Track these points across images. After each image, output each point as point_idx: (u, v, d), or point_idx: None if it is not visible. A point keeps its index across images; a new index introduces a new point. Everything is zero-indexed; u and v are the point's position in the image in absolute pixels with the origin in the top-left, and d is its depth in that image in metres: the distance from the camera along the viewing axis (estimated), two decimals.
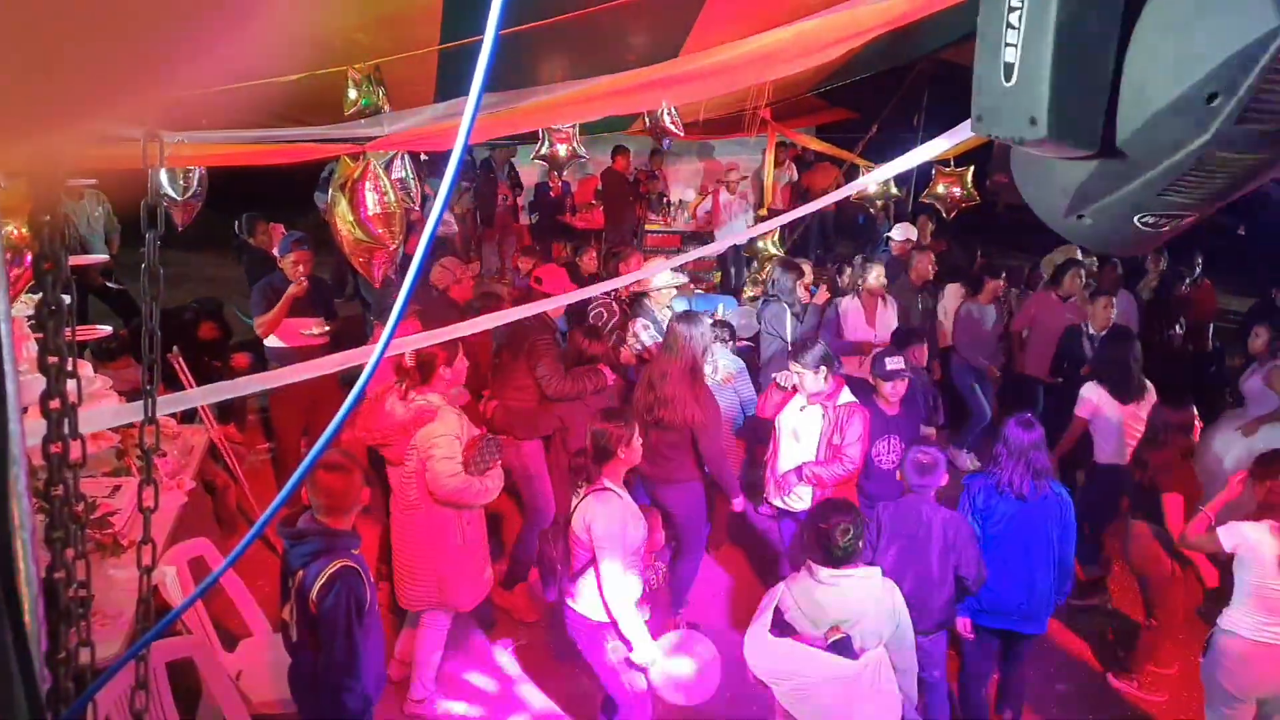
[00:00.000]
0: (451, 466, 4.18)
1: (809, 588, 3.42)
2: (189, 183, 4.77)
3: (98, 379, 4.41)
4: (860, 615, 3.36)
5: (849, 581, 3.40)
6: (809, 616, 3.37)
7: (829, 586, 3.39)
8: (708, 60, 4.05)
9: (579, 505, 3.91)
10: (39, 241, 1.14)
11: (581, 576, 3.89)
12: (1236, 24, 1.03)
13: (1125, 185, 1.19)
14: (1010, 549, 4.22)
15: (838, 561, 3.39)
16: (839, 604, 3.37)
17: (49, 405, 1.21)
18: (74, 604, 1.34)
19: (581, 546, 3.88)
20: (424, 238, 0.94)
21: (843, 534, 3.38)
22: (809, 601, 3.39)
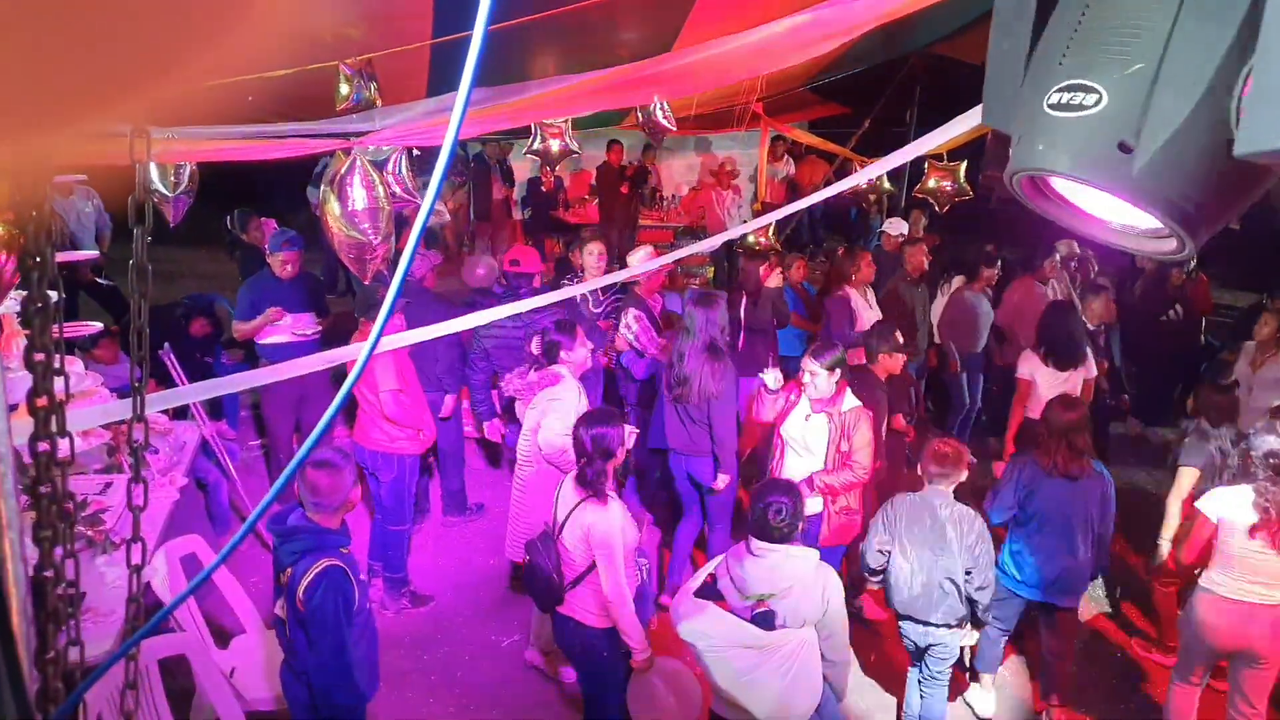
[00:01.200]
0: (561, 428, 4.46)
1: (743, 558, 3.52)
2: (179, 178, 4.74)
3: (88, 376, 4.39)
4: (786, 592, 3.42)
5: (777, 556, 3.47)
6: (736, 585, 3.47)
7: (758, 558, 3.48)
8: (700, 55, 4.05)
9: (573, 512, 3.85)
10: (25, 238, 1.13)
11: (579, 584, 3.86)
12: None
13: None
14: (1050, 526, 4.40)
15: (771, 538, 3.48)
16: (766, 577, 3.45)
17: (36, 403, 1.20)
18: (63, 603, 1.34)
19: (577, 553, 3.84)
20: (413, 233, 0.93)
21: (775, 514, 3.47)
22: (739, 571, 3.49)
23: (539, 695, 4.82)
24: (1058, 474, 4.36)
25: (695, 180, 13.76)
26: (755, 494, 3.59)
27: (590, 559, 3.81)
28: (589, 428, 3.90)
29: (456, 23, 4.31)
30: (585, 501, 3.84)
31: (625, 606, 3.77)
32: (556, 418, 4.62)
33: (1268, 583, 4.03)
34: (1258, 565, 4.02)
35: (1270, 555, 3.98)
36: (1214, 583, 4.15)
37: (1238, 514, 4.06)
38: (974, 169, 9.72)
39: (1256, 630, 4.07)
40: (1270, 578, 4.02)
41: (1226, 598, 4.10)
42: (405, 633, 5.24)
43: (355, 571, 3.37)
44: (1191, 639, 4.28)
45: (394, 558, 5.40)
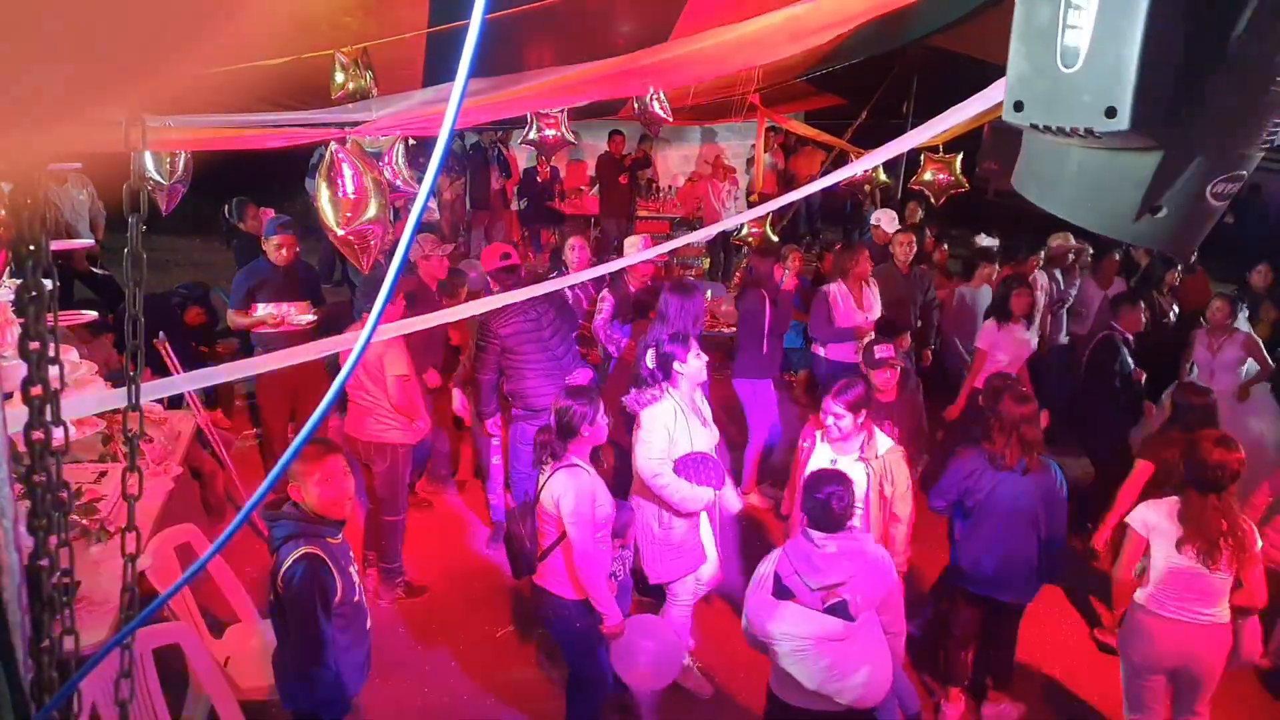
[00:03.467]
0: (652, 451, 4.28)
1: (806, 552, 3.47)
2: (174, 167, 4.72)
3: (83, 364, 4.37)
4: (853, 576, 3.41)
5: (842, 544, 3.47)
6: (806, 580, 3.42)
7: (823, 549, 3.45)
8: (697, 45, 4.04)
9: (547, 481, 3.89)
10: (19, 226, 1.12)
11: (550, 554, 3.90)
12: None
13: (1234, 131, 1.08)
14: (993, 519, 4.33)
15: (836, 526, 3.47)
16: (834, 566, 3.42)
17: (30, 392, 1.20)
18: (58, 592, 1.34)
19: (549, 523, 3.88)
20: (409, 224, 0.93)
21: (838, 502, 3.45)
22: (806, 565, 3.44)
23: (533, 685, 4.83)
24: (1005, 467, 4.28)
25: (692, 171, 13.75)
26: (809, 486, 3.55)
27: (560, 529, 3.85)
28: (560, 399, 3.95)
29: (452, 11, 4.30)
30: (558, 471, 3.87)
31: (592, 575, 3.82)
32: (643, 445, 4.35)
33: (1200, 599, 3.89)
34: (1187, 581, 3.89)
35: (1198, 570, 3.85)
36: (1148, 599, 4.01)
37: (1165, 526, 3.94)
38: (970, 161, 9.72)
39: (1193, 650, 3.95)
40: (1201, 594, 3.89)
41: (1159, 615, 3.97)
42: (399, 623, 5.24)
43: (342, 561, 3.36)
44: (1130, 661, 4.15)
45: (388, 548, 5.39)
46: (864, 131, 11.62)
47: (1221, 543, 3.82)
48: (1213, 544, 3.82)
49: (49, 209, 1.09)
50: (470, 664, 4.96)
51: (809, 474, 3.76)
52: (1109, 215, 1.17)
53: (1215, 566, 3.82)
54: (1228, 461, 3.83)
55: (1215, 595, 3.89)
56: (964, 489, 4.41)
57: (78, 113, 0.80)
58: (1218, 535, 3.82)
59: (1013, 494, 4.29)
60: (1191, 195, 1.11)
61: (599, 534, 3.90)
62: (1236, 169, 1.12)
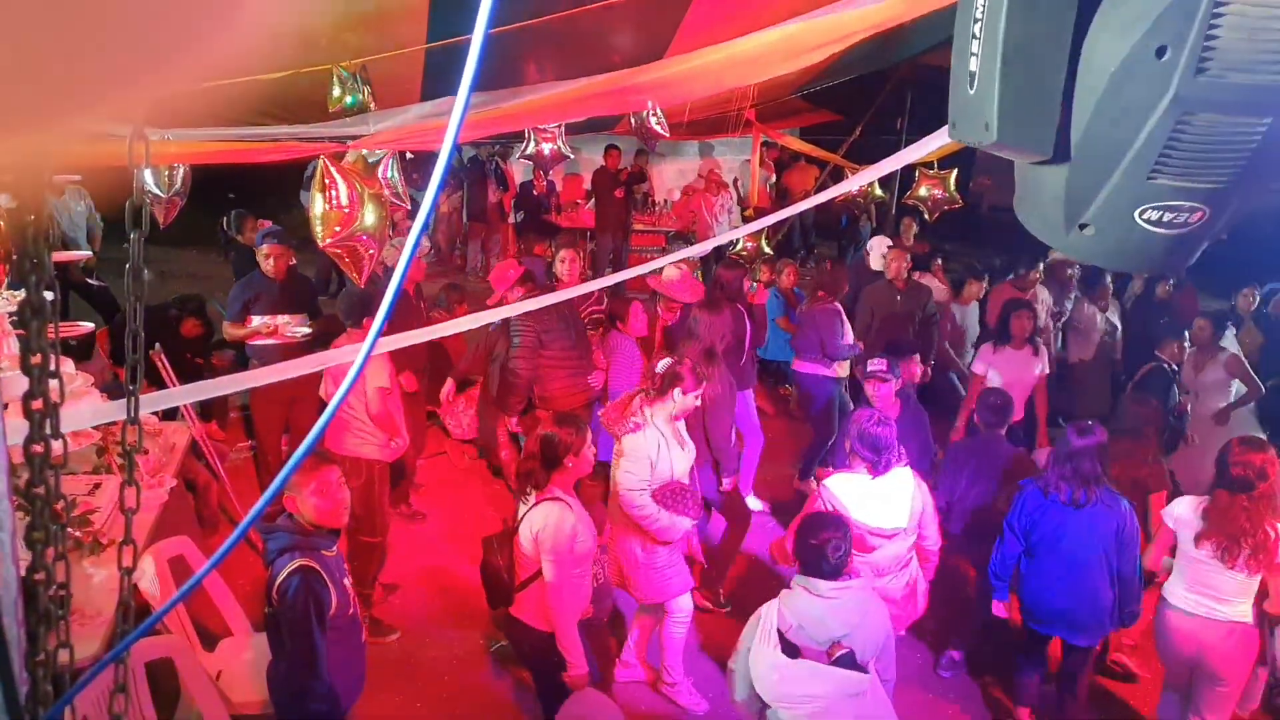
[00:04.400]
0: (634, 481, 4.26)
1: (810, 603, 3.32)
2: (173, 180, 4.74)
3: (79, 376, 4.38)
4: (857, 627, 3.30)
5: (847, 595, 3.34)
6: (811, 634, 3.28)
7: (831, 600, 3.31)
8: (693, 62, 4.06)
9: (527, 514, 3.79)
10: (22, 241, 1.13)
11: (528, 586, 3.81)
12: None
13: (1114, 171, 1.16)
14: (1056, 556, 4.20)
15: (833, 574, 3.34)
16: (840, 617, 3.30)
17: (31, 405, 1.21)
18: (54, 605, 1.34)
19: (528, 555, 3.78)
20: (408, 245, 0.94)
21: (834, 550, 3.32)
22: (811, 618, 3.30)
23: (525, 699, 4.81)
24: (1061, 501, 4.15)
25: (686, 185, 13.81)
26: (804, 531, 3.42)
27: (539, 562, 3.75)
28: (546, 428, 3.87)
29: (451, 27, 4.32)
30: (541, 503, 3.76)
31: (565, 615, 3.71)
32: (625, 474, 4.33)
33: (1217, 596, 3.96)
34: (1205, 576, 3.97)
35: (1216, 567, 3.92)
36: (1170, 592, 4.12)
37: (1190, 521, 4.02)
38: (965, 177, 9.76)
39: (1208, 646, 3.99)
40: (1218, 591, 3.96)
41: (1178, 609, 4.06)
42: (393, 634, 5.22)
43: (336, 574, 3.34)
44: (1159, 651, 4.28)
45: (361, 571, 5.05)
46: (858, 147, 11.69)
47: (1243, 541, 3.86)
48: (1232, 541, 3.88)
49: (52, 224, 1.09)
50: (463, 677, 4.94)
51: (804, 518, 3.63)
52: (1048, 227, 1.31)
53: (1231, 564, 3.87)
54: (1251, 461, 3.89)
55: (1231, 593, 3.94)
56: (1026, 526, 4.27)
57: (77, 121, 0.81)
58: (1238, 534, 3.87)
59: (1075, 530, 4.15)
60: (1119, 217, 1.19)
61: (577, 570, 3.79)
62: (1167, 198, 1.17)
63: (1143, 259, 1.25)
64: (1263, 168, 1.13)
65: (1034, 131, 1.20)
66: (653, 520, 4.25)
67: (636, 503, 4.25)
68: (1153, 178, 1.14)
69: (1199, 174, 1.14)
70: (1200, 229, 1.19)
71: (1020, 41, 1.15)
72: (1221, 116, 1.08)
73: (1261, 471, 3.88)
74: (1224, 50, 1.02)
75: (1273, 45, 1.01)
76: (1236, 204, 1.18)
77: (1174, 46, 1.04)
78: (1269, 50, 1.02)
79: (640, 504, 4.24)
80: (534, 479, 3.82)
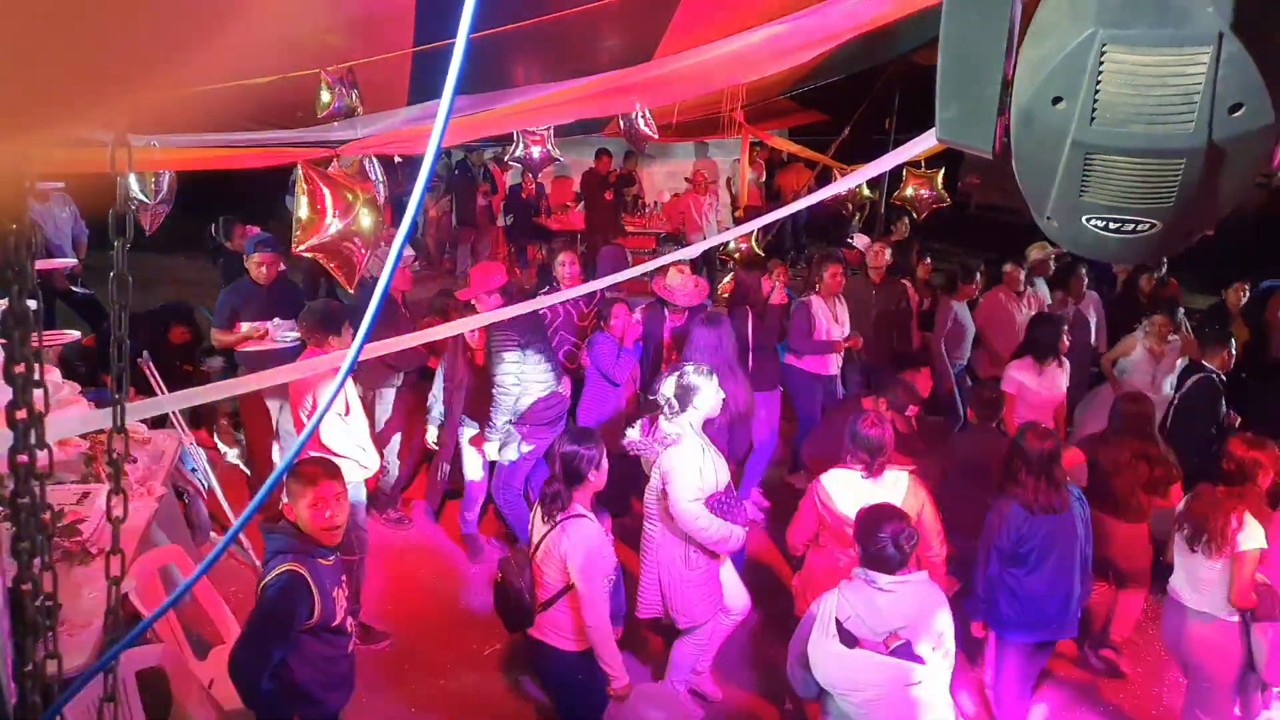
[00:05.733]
0: (689, 493, 4.11)
1: (870, 595, 3.33)
2: (159, 187, 4.72)
3: (65, 385, 4.35)
4: (917, 619, 3.32)
5: (906, 589, 3.34)
6: (869, 624, 3.30)
7: (890, 594, 3.32)
8: (681, 64, 4.07)
9: (549, 534, 3.76)
10: (4, 249, 1.12)
11: (551, 607, 3.78)
12: (1070, 28, 1.07)
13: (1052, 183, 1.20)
14: (1047, 564, 4.19)
15: (893, 568, 3.35)
16: (899, 610, 3.31)
17: (15, 415, 1.20)
18: (41, 615, 1.33)
19: (551, 576, 3.76)
20: (394, 245, 0.94)
21: (907, 540, 3.32)
22: (870, 609, 3.31)
23: (520, 705, 4.80)
24: (1041, 511, 4.13)
25: (677, 187, 13.83)
26: (867, 525, 3.41)
27: (564, 581, 3.72)
28: (562, 445, 3.83)
29: (438, 30, 4.31)
30: (564, 523, 3.73)
31: (604, 633, 3.69)
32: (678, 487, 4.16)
33: (1195, 585, 4.08)
34: (1187, 566, 4.12)
35: (1188, 554, 4.07)
36: (1170, 581, 4.26)
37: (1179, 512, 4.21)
38: (952, 175, 9.80)
39: (1184, 633, 4.12)
40: (1197, 580, 4.07)
41: (1169, 597, 4.22)
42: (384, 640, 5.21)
43: (328, 584, 3.30)
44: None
45: None
46: (847, 147, 11.72)
47: (1207, 528, 3.98)
48: (1198, 530, 4.01)
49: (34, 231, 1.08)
50: (458, 683, 4.93)
51: (864, 512, 3.56)
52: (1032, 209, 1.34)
53: (1195, 549, 4.01)
54: (1243, 457, 4.02)
55: (1204, 584, 4.03)
56: (1015, 541, 4.19)
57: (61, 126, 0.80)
58: (1206, 523, 3.98)
59: (1062, 536, 4.16)
60: (1070, 219, 1.23)
61: (608, 584, 3.76)
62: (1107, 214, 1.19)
63: (1107, 253, 1.27)
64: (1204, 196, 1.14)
65: (975, 131, 1.26)
66: (713, 532, 4.11)
67: (695, 513, 4.08)
68: (1084, 196, 1.17)
69: (1130, 200, 1.15)
70: (1158, 235, 1.20)
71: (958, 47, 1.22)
72: (1128, 159, 1.11)
73: (1242, 463, 4.01)
74: (1111, 102, 1.07)
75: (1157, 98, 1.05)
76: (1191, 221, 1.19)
77: (1068, 97, 1.09)
78: (1155, 103, 1.05)
79: (697, 514, 4.08)
80: (560, 501, 3.77)
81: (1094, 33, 1.04)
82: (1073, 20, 1.07)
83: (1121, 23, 1.03)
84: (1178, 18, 1.01)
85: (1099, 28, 1.04)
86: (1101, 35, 1.04)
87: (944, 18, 1.20)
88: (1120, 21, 1.03)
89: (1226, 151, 1.07)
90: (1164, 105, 1.05)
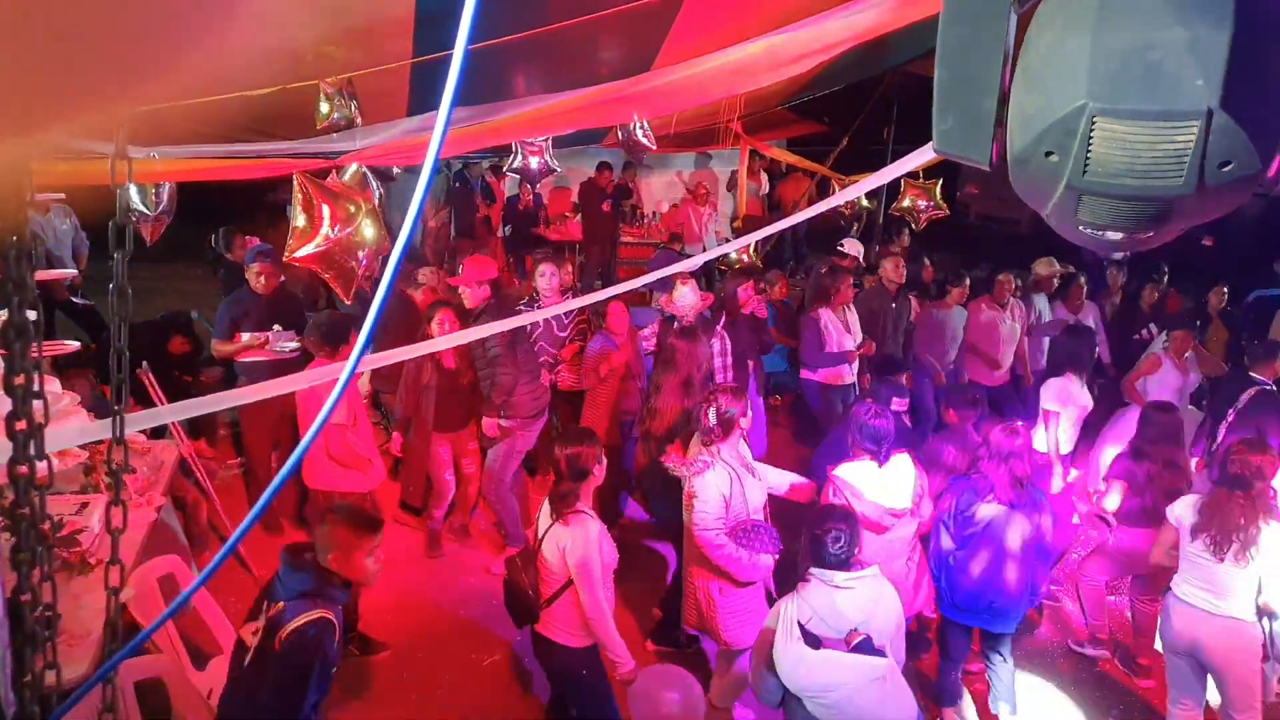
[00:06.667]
0: (708, 520, 4.16)
1: (829, 595, 3.41)
2: (159, 198, 4.73)
3: (65, 395, 4.35)
4: (872, 614, 3.40)
5: (863, 584, 3.43)
6: (830, 624, 3.37)
7: (848, 590, 3.41)
8: (679, 74, 4.08)
9: (550, 531, 3.84)
10: (5, 262, 1.13)
11: (555, 603, 3.84)
12: (1060, 91, 1.09)
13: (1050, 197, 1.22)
14: (988, 551, 4.34)
15: (839, 565, 3.42)
16: (857, 606, 3.40)
17: (15, 426, 1.20)
18: (40, 626, 1.33)
19: (555, 572, 3.82)
20: (393, 257, 0.94)
21: (833, 541, 3.41)
22: (829, 608, 3.39)
23: (519, 716, 4.79)
24: (994, 499, 4.33)
25: (674, 197, 13.85)
26: (810, 523, 3.51)
27: (567, 576, 3.79)
28: (564, 447, 3.89)
29: (437, 42, 4.32)
30: (567, 517, 3.81)
31: (606, 623, 3.77)
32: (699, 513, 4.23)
33: (1214, 591, 4.09)
34: (1203, 571, 4.12)
35: (1210, 561, 4.07)
36: (1175, 584, 4.27)
37: (1186, 518, 4.20)
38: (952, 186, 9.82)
39: (1205, 638, 4.13)
40: (1212, 585, 4.09)
41: (1181, 599, 4.21)
42: (383, 650, 5.20)
43: (342, 630, 3.24)
44: (1162, 639, 4.42)
45: None
46: (845, 157, 11.74)
47: (1233, 536, 4.00)
48: (1224, 535, 4.03)
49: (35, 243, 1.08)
50: (458, 692, 4.92)
51: (814, 513, 3.67)
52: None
53: (1221, 557, 4.03)
54: (1249, 460, 4.07)
55: (1226, 588, 4.06)
56: (960, 522, 4.42)
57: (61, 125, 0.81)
58: (1231, 529, 4.02)
59: (1007, 528, 4.31)
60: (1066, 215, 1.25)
61: (606, 579, 3.83)
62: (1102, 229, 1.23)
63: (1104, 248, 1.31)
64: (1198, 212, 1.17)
65: (973, 144, 1.28)
66: (733, 560, 4.14)
67: (714, 542, 4.14)
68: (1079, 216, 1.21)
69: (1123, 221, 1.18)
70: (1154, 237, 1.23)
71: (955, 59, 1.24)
72: (1117, 199, 1.14)
73: (1259, 471, 4.05)
74: (1102, 159, 1.10)
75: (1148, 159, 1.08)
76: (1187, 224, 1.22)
77: (1060, 153, 1.13)
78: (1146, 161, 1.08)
79: (718, 543, 4.14)
80: (568, 500, 3.83)
81: (1084, 105, 1.07)
82: (1060, 83, 1.10)
83: (1111, 97, 1.06)
84: (1167, 93, 1.03)
85: (1089, 100, 1.07)
86: (1091, 108, 1.07)
87: (940, 30, 1.22)
88: (1109, 95, 1.06)
89: (1219, 189, 1.10)
90: (1155, 164, 1.08)
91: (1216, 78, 1.01)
